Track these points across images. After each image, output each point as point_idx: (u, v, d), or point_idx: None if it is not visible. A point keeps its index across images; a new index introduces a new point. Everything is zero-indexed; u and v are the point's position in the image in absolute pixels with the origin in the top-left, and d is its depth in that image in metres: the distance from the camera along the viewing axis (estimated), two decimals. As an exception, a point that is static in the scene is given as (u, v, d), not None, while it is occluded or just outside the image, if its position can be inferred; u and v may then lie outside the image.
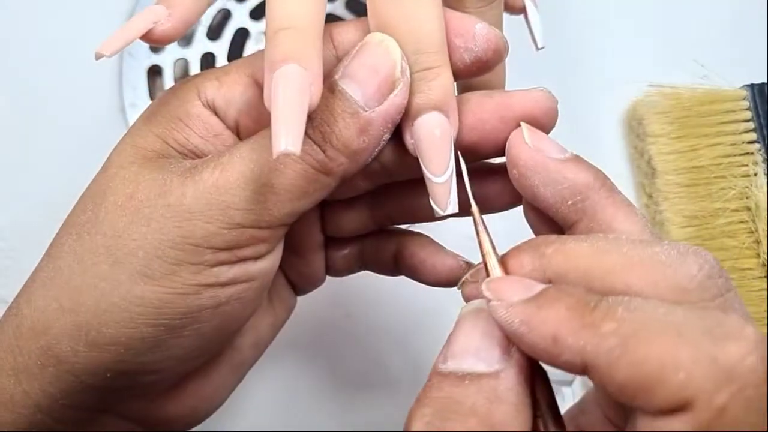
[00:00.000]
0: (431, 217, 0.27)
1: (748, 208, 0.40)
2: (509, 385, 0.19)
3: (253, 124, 0.24)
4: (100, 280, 0.22)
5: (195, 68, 0.41)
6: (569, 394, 0.37)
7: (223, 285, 0.22)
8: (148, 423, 0.26)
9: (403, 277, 0.30)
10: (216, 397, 0.27)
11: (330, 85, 0.22)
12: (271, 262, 0.24)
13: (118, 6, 0.41)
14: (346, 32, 0.24)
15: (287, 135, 0.19)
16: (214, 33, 0.42)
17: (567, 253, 0.20)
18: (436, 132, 0.22)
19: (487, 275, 0.21)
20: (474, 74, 0.24)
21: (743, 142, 0.40)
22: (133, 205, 0.22)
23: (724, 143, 0.40)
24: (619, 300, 0.18)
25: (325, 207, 0.27)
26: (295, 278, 0.29)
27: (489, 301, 0.19)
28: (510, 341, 0.19)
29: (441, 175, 0.22)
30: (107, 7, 0.41)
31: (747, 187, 0.40)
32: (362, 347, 0.40)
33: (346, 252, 0.29)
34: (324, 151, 0.22)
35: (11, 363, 0.23)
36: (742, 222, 0.40)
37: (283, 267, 0.28)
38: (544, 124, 0.23)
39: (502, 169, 0.25)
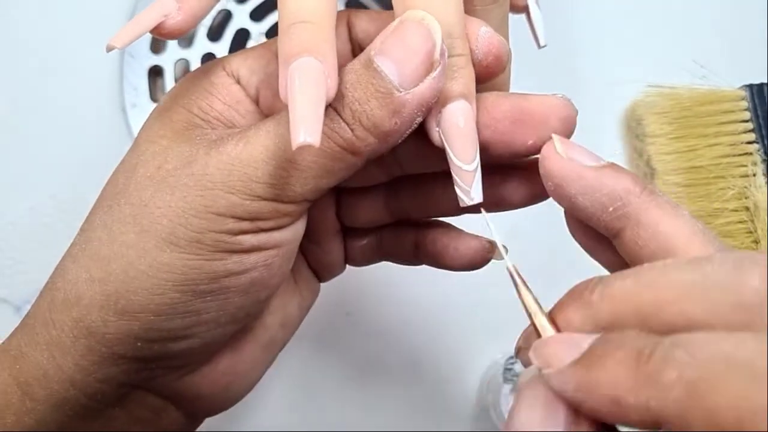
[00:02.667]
0: (447, 211, 0.27)
1: (747, 209, 0.40)
2: None
3: (272, 95, 0.24)
4: (128, 249, 0.22)
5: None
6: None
7: (248, 252, 0.23)
8: (183, 400, 0.26)
9: (402, 276, 0.30)
10: (249, 376, 0.27)
11: (365, 61, 0.21)
12: (294, 230, 0.24)
13: (119, 7, 0.41)
14: (363, 19, 0.24)
15: (306, 126, 0.19)
16: (214, 34, 0.42)
17: (613, 297, 0.18)
18: (464, 120, 0.22)
19: (538, 336, 0.20)
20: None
21: (742, 143, 0.40)
22: (160, 175, 0.22)
23: (722, 143, 0.40)
24: (677, 341, 0.16)
25: (341, 196, 0.27)
26: (315, 266, 0.29)
27: (540, 369, 0.18)
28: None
29: (470, 162, 0.22)
30: (108, 8, 0.41)
31: (746, 187, 0.40)
32: (362, 346, 0.40)
33: (365, 242, 0.29)
34: (352, 130, 0.21)
35: (45, 337, 0.23)
36: (740, 222, 0.40)
37: (303, 253, 0.28)
38: (559, 133, 0.23)
39: (516, 166, 0.25)
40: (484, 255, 0.27)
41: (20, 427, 0.23)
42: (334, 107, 0.21)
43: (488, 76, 0.23)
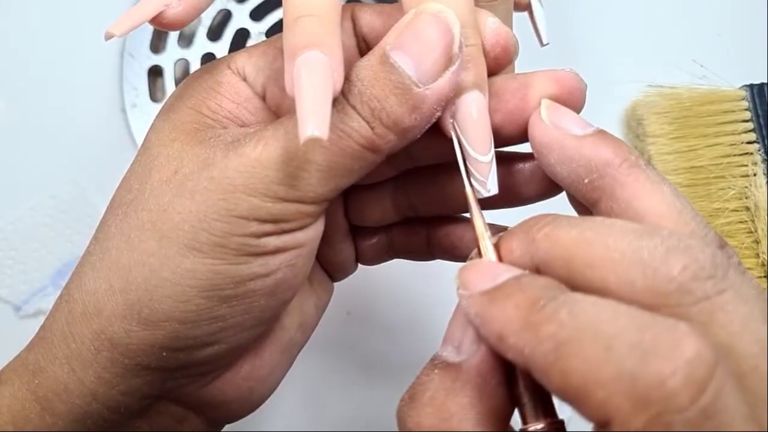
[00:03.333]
0: (456, 207, 0.26)
1: (747, 208, 0.40)
2: (468, 377, 0.19)
3: (279, 91, 0.24)
4: (149, 256, 0.22)
5: (195, 69, 0.42)
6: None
7: (273, 253, 0.22)
8: (206, 408, 0.25)
9: (403, 275, 0.30)
10: (269, 379, 0.27)
11: (381, 57, 0.21)
12: (316, 229, 0.23)
13: (120, 7, 0.41)
14: (368, 12, 0.24)
15: (314, 120, 0.18)
16: (214, 34, 0.42)
17: (554, 241, 0.19)
18: (477, 111, 0.22)
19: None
20: None
21: (742, 142, 0.40)
22: (177, 179, 0.22)
23: (723, 143, 0.40)
24: (568, 300, 0.17)
25: (348, 196, 0.27)
26: (327, 266, 0.29)
27: (458, 288, 0.19)
28: None
29: (486, 153, 0.22)
30: (108, 8, 0.41)
31: (746, 187, 0.40)
32: (363, 345, 0.40)
33: (375, 241, 0.28)
34: (372, 129, 0.21)
35: (65, 351, 0.23)
36: (741, 222, 0.40)
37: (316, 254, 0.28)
38: (568, 106, 0.22)
39: (526, 159, 0.24)
40: None
41: None
42: (352, 105, 0.21)
43: (496, 68, 0.23)
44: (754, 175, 0.40)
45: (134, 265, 0.22)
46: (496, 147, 0.23)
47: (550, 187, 0.24)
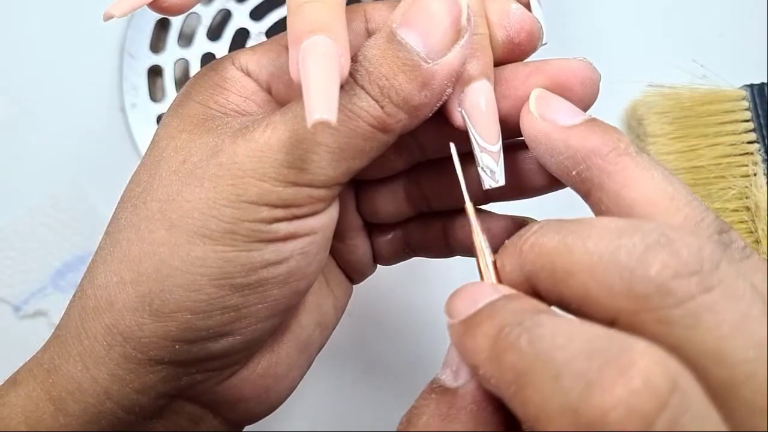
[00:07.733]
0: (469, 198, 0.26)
1: (748, 209, 0.40)
2: (464, 404, 0.18)
3: (284, 87, 0.24)
4: (159, 246, 0.21)
5: (195, 69, 0.42)
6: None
7: (284, 240, 0.22)
8: (222, 407, 0.25)
9: (404, 276, 0.30)
10: (287, 378, 0.26)
11: (388, 35, 0.20)
12: (330, 215, 0.23)
13: (119, 6, 0.41)
14: (381, 10, 0.23)
15: (322, 103, 0.18)
16: (214, 33, 0.42)
17: (539, 250, 0.18)
18: (485, 100, 0.21)
19: (481, 278, 0.20)
20: (506, 59, 0.23)
21: (743, 142, 0.40)
22: (185, 168, 0.22)
23: (723, 143, 0.40)
24: (531, 325, 0.16)
25: (360, 190, 0.27)
26: (343, 265, 0.28)
27: (446, 316, 0.19)
28: None
29: (494, 143, 0.22)
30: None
31: (746, 187, 0.40)
32: (363, 346, 0.40)
33: (391, 237, 0.28)
34: (382, 107, 0.20)
35: (78, 348, 0.22)
36: (741, 222, 0.40)
37: (331, 252, 0.27)
38: (581, 96, 0.22)
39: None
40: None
41: None
42: (361, 85, 0.20)
43: (520, 55, 0.23)
44: (755, 175, 0.40)
45: (144, 255, 0.21)
46: (504, 139, 0.22)
47: (551, 182, 0.24)
